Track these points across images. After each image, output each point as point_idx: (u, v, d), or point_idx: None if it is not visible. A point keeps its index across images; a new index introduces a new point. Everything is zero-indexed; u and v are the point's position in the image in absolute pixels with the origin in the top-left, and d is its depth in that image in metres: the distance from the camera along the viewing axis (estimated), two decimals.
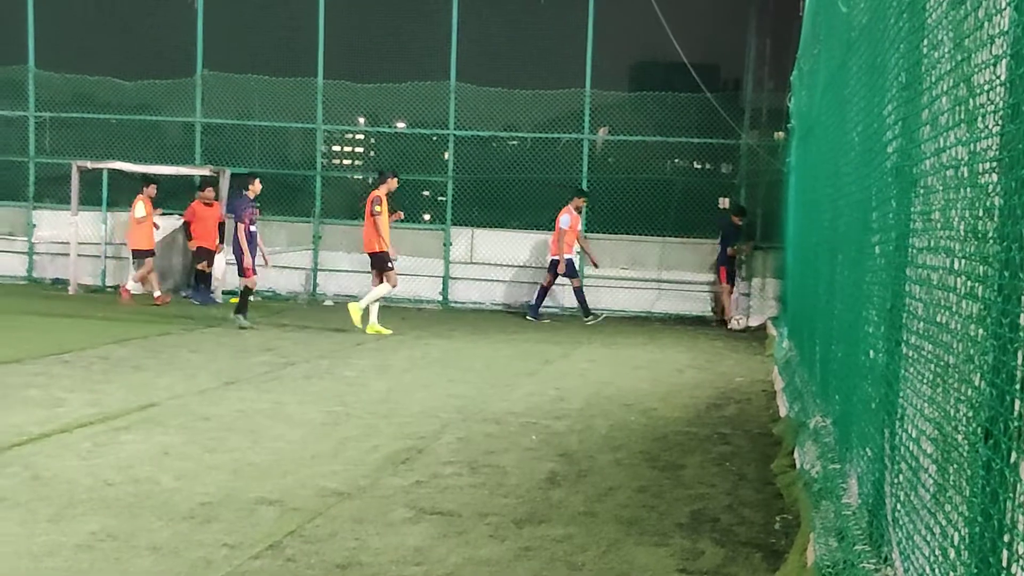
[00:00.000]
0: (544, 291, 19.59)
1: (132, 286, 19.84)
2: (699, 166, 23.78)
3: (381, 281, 16.57)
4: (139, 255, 19.85)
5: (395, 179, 16.88)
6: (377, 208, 16.44)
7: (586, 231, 21.04)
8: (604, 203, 21.18)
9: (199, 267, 20.26)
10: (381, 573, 5.73)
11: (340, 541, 6.25)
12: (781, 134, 20.46)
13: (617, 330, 18.78)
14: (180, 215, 21.54)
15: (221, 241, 20.18)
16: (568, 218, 19.46)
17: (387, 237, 16.55)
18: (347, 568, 5.79)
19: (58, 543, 6.01)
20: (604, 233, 21.17)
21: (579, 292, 19.77)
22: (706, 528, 6.84)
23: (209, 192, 20.32)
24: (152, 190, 20.08)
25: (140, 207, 19.81)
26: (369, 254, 16.71)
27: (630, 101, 22.51)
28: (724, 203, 21.17)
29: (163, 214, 20.81)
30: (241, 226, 16.36)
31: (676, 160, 23.34)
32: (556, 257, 19.31)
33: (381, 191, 16.67)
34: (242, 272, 16.43)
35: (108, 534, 6.21)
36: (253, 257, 16.56)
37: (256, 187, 16.81)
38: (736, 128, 20.92)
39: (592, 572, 5.90)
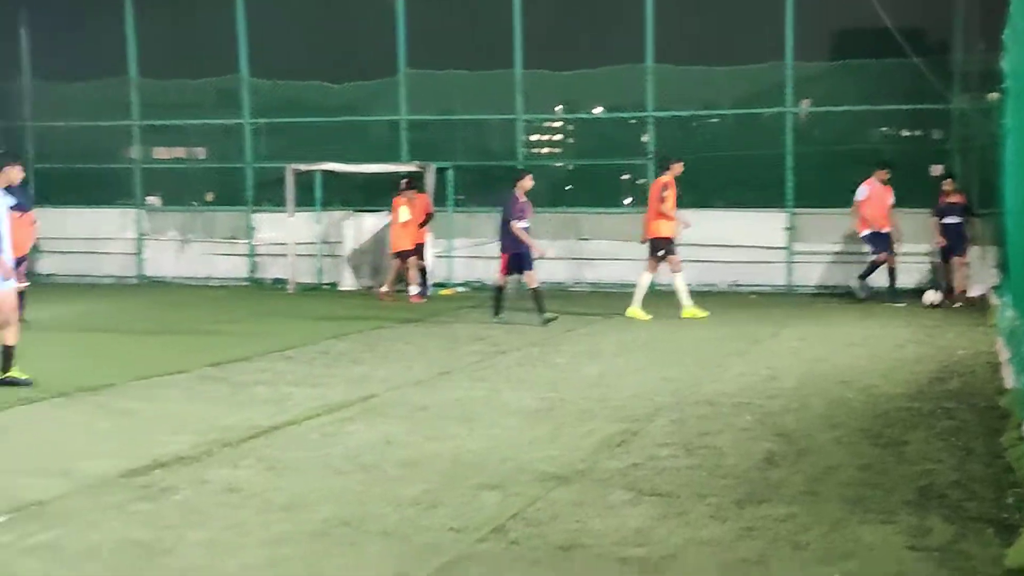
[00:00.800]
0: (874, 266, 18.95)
1: (414, 289, 19.69)
2: (908, 134, 23.03)
3: (656, 267, 16.68)
4: (402, 255, 19.79)
5: (680, 164, 16.87)
6: (665, 194, 16.46)
7: (792, 205, 20.64)
8: (811, 177, 20.71)
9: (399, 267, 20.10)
10: (604, 555, 5.79)
11: (562, 524, 6.35)
12: (995, 96, 19.60)
13: (829, 306, 18.37)
14: (390, 211, 22.11)
15: (423, 224, 20.14)
16: (866, 189, 18.97)
17: (673, 224, 16.61)
18: (570, 550, 5.87)
19: (294, 530, 6.29)
20: (812, 207, 20.71)
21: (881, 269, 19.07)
22: (934, 504, 6.65)
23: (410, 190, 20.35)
24: (412, 193, 19.91)
25: (404, 211, 19.73)
26: (651, 240, 16.74)
27: (833, 71, 21.97)
28: (936, 170, 20.42)
29: (371, 211, 21.43)
30: (514, 223, 16.09)
31: (884, 129, 22.66)
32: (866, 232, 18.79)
33: (668, 177, 16.73)
34: (528, 267, 16.31)
35: (340, 521, 6.46)
36: (523, 251, 16.30)
37: (526, 183, 16.42)
38: (945, 92, 20.15)
39: (817, 551, 5.82)
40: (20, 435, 8.80)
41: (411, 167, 21.81)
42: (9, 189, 11.63)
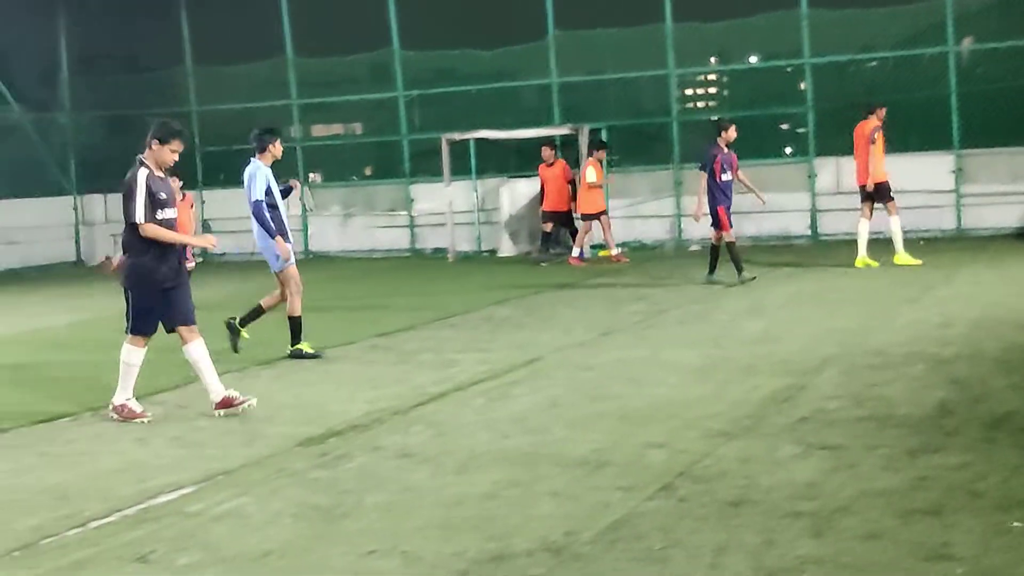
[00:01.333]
0: None
1: (580, 251, 19.85)
2: None
3: (871, 213, 16.27)
4: (588, 218, 19.83)
5: (883, 109, 16.44)
6: (876, 136, 16.08)
7: (959, 146, 19.95)
8: (976, 117, 20.01)
9: (544, 227, 20.29)
10: (774, 509, 5.77)
11: (730, 480, 6.34)
12: None
13: (1002, 248, 17.75)
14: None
15: (574, 199, 20.11)
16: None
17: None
18: (740, 505, 5.87)
19: (465, 493, 6.44)
20: (979, 147, 20.03)
21: None
22: None
23: (547, 152, 20.28)
24: (601, 154, 19.89)
25: (591, 172, 19.60)
26: (876, 185, 16.18)
27: (996, 5, 21.10)
28: None
29: (526, 177, 21.56)
30: (704, 176, 15.40)
31: None
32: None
33: (875, 121, 16.26)
34: (717, 224, 15.47)
35: (510, 482, 6.58)
36: (727, 205, 15.45)
37: (730, 134, 15.47)
38: None
39: (995, 499, 5.69)
40: (203, 408, 9.17)
41: (564, 130, 21.84)
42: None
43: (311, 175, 25.13)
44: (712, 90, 26.02)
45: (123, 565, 5.53)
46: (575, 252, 19.70)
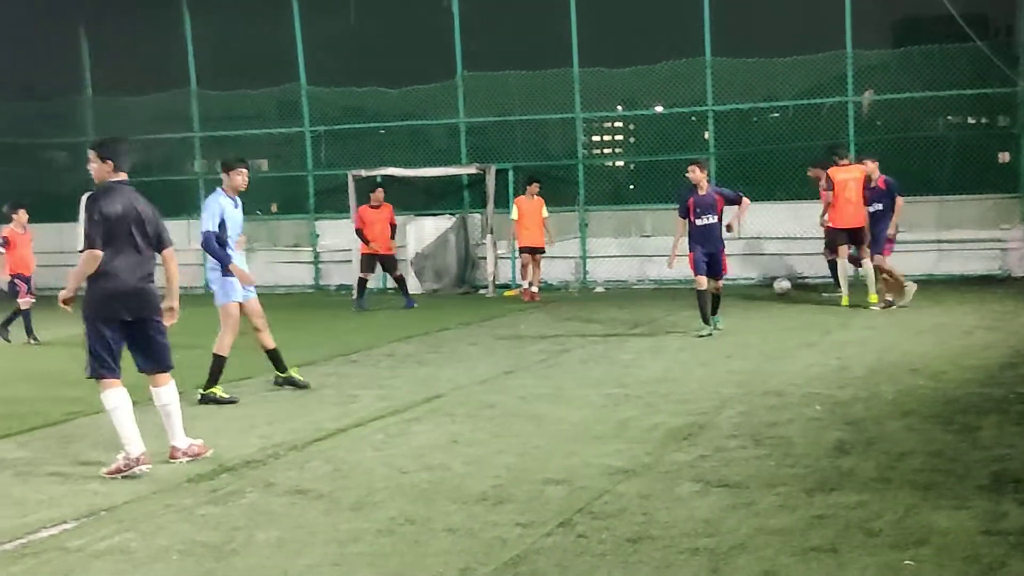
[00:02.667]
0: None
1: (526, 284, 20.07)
2: (974, 120, 22.65)
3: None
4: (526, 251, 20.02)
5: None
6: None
7: None
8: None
9: (361, 275, 19.56)
10: (673, 546, 5.72)
11: (629, 516, 6.28)
12: None
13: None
14: (451, 215, 22.17)
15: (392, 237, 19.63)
16: None
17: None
18: (638, 542, 5.81)
19: (361, 529, 6.29)
20: None
21: None
22: (1009, 489, 6.50)
23: (378, 194, 19.79)
24: (534, 188, 19.92)
25: (514, 210, 20.01)
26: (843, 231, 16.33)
27: (895, 58, 21.68)
28: (1005, 158, 20.07)
29: (432, 215, 21.50)
30: (681, 222, 14.30)
31: (948, 116, 22.30)
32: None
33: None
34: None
35: (407, 519, 6.45)
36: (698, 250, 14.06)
37: (694, 175, 14.03)
38: (1013, 75, 19.78)
39: (891, 537, 5.71)
40: (87, 444, 8.89)
41: (471, 169, 21.85)
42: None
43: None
44: (619, 136, 26.25)
45: None
46: (525, 285, 19.99)
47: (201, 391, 10.64)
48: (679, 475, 7.18)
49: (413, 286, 21.74)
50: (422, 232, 21.88)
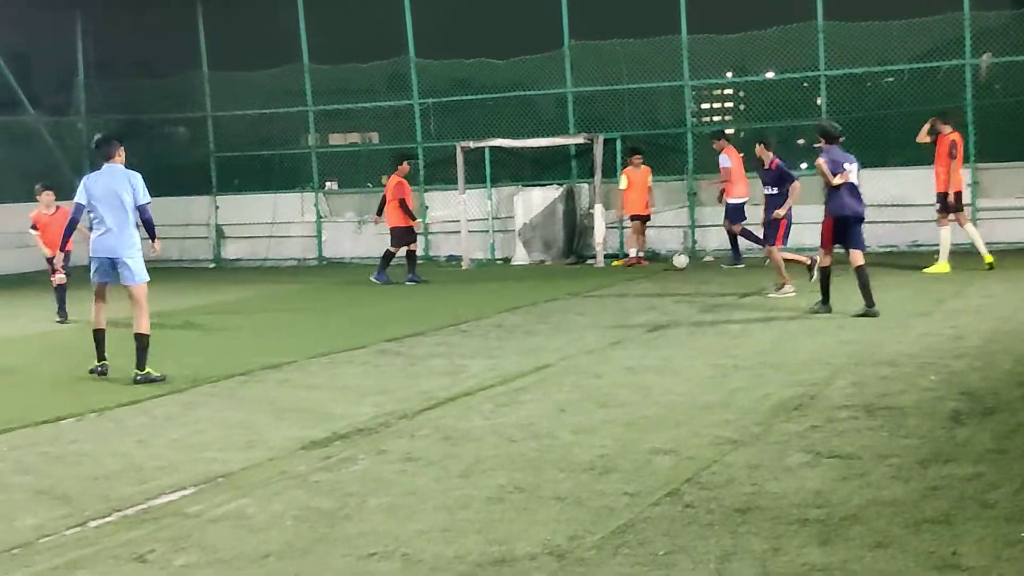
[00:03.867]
0: None
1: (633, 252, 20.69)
2: None
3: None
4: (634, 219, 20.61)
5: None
6: (954, 152, 16.36)
7: (975, 160, 19.80)
8: (992, 131, 19.88)
9: (392, 249, 19.42)
10: (782, 516, 5.69)
11: (737, 487, 6.26)
12: None
13: (1015, 262, 17.60)
14: (559, 185, 22.14)
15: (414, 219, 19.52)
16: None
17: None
18: (747, 512, 5.78)
19: (470, 496, 6.36)
20: (995, 161, 19.90)
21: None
22: None
23: (405, 166, 19.55)
24: (637, 159, 20.46)
25: (623, 180, 20.48)
26: (947, 193, 16.63)
27: (1014, 20, 20.96)
28: None
29: (540, 186, 21.49)
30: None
31: None
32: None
33: (957, 135, 16.61)
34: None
35: (515, 487, 6.51)
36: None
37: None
38: None
39: (1007, 510, 5.60)
40: (206, 411, 9.13)
41: (579, 139, 21.79)
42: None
43: (327, 183, 25.12)
44: (728, 104, 25.91)
45: (120, 565, 5.47)
46: (632, 253, 20.56)
47: (139, 373, 10.59)
48: (789, 446, 7.12)
49: (521, 256, 21.83)
50: (530, 203, 21.89)
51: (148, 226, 11.19)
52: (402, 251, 19.23)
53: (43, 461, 7.65)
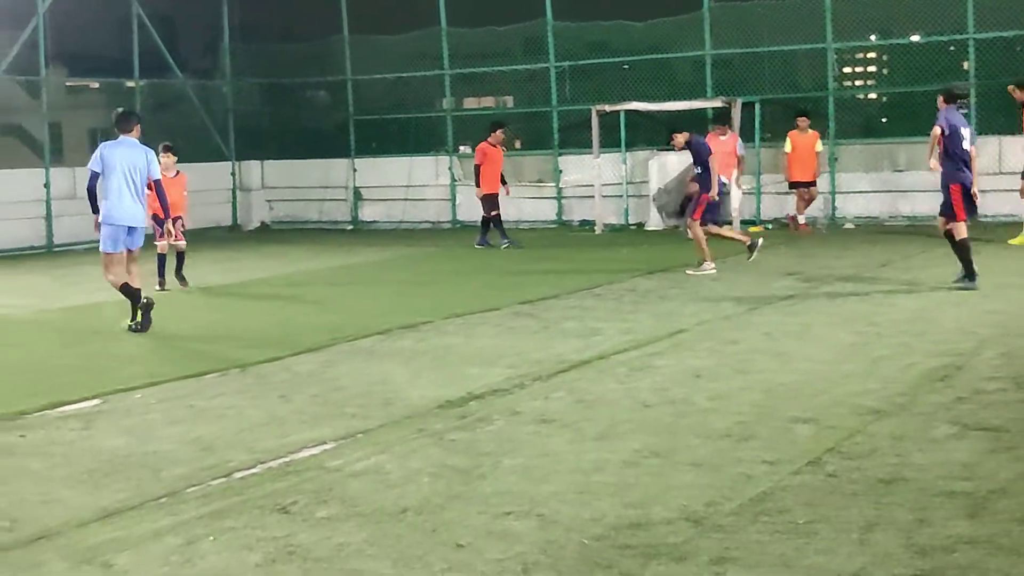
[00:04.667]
0: None
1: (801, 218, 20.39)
2: None
3: None
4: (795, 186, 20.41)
5: None
6: None
7: None
8: None
9: (486, 215, 19.57)
10: (928, 488, 5.54)
11: (881, 457, 6.12)
12: None
13: None
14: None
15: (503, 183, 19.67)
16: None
17: None
18: (891, 483, 5.65)
19: (605, 460, 6.35)
20: None
21: None
22: None
23: (499, 134, 19.76)
24: (804, 121, 20.22)
25: (787, 143, 20.27)
26: None
27: None
28: None
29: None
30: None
31: None
32: None
33: None
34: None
35: (651, 451, 6.47)
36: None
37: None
38: None
39: None
40: (345, 368, 9.27)
41: (717, 103, 21.46)
42: None
43: (460, 146, 25.23)
44: (871, 67, 25.25)
45: (264, 515, 5.59)
46: (801, 219, 20.26)
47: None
48: (935, 417, 6.93)
49: (655, 222, 21.65)
50: (665, 168, 21.66)
51: (162, 200, 12.27)
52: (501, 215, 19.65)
53: (189, 414, 7.86)
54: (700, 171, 14.96)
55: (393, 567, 4.82)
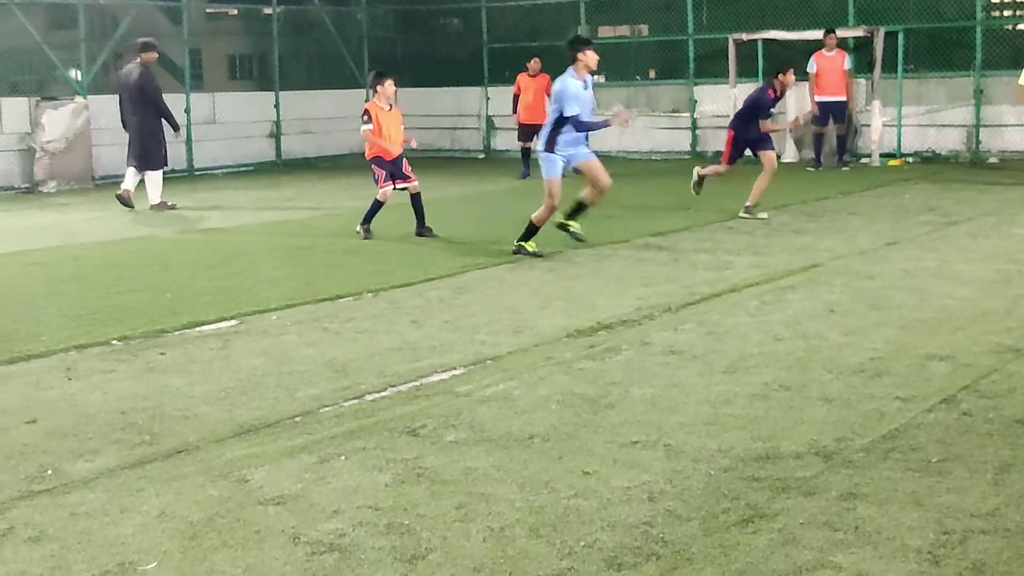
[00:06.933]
0: None
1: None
2: None
3: None
4: None
5: None
6: None
7: None
8: None
9: (524, 144, 19.34)
10: None
11: (1019, 397, 5.98)
12: None
13: None
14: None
15: None
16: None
17: None
18: None
19: (734, 392, 6.32)
20: None
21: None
22: None
23: (535, 63, 19.50)
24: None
25: None
26: None
27: None
28: None
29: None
30: None
31: None
32: None
33: None
34: None
35: (780, 385, 6.42)
36: None
37: None
38: None
39: None
40: (477, 296, 9.36)
41: (859, 32, 20.86)
42: None
43: (596, 76, 24.98)
44: None
45: (394, 437, 5.71)
46: None
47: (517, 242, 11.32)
48: None
49: (791, 154, 21.24)
50: (803, 99, 21.17)
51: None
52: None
53: (323, 336, 8.04)
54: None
55: (520, 492, 4.89)
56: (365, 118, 12.96)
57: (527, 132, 19.34)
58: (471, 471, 5.17)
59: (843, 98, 19.99)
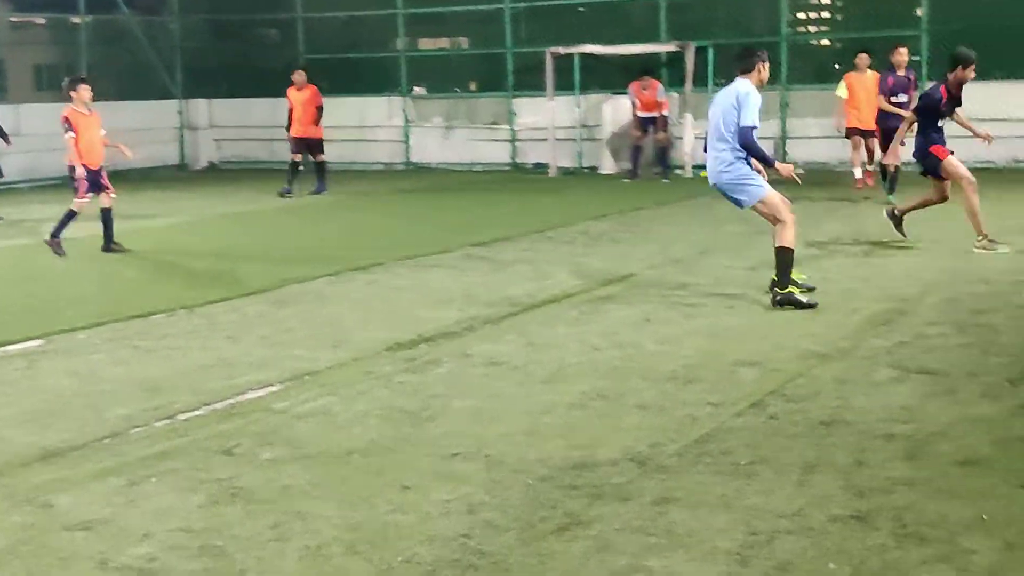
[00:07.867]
0: None
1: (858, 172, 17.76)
2: None
3: None
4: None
5: None
6: None
7: None
8: None
9: (293, 157, 19.40)
10: (868, 431, 5.63)
11: (823, 400, 6.20)
12: None
13: None
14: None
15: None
16: None
17: None
18: (831, 425, 5.73)
19: (553, 402, 6.38)
20: None
21: None
22: None
23: (300, 76, 19.66)
24: (863, 59, 17.79)
25: (842, 87, 17.93)
26: None
27: None
28: None
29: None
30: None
31: None
32: None
33: None
34: None
35: (598, 394, 6.51)
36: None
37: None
38: None
39: None
40: (294, 310, 9.24)
41: (671, 47, 21.42)
42: None
43: (415, 88, 25.01)
44: (825, 13, 25.27)
45: (208, 456, 5.58)
46: (856, 173, 17.76)
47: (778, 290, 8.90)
48: (876, 361, 7.02)
49: (609, 165, 21.64)
50: (618, 112, 21.62)
51: None
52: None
53: (134, 354, 7.81)
54: None
55: (337, 508, 4.83)
56: (66, 126, 12.40)
57: (300, 145, 19.34)
58: (288, 489, 5.09)
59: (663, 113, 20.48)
